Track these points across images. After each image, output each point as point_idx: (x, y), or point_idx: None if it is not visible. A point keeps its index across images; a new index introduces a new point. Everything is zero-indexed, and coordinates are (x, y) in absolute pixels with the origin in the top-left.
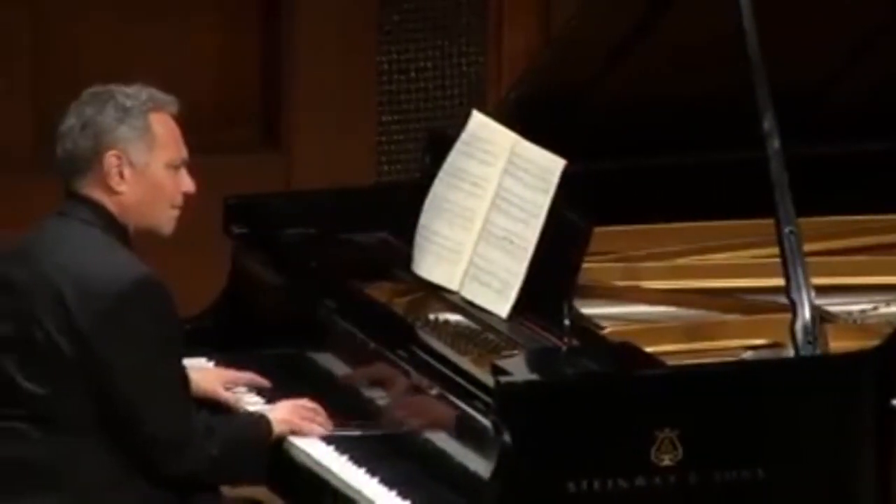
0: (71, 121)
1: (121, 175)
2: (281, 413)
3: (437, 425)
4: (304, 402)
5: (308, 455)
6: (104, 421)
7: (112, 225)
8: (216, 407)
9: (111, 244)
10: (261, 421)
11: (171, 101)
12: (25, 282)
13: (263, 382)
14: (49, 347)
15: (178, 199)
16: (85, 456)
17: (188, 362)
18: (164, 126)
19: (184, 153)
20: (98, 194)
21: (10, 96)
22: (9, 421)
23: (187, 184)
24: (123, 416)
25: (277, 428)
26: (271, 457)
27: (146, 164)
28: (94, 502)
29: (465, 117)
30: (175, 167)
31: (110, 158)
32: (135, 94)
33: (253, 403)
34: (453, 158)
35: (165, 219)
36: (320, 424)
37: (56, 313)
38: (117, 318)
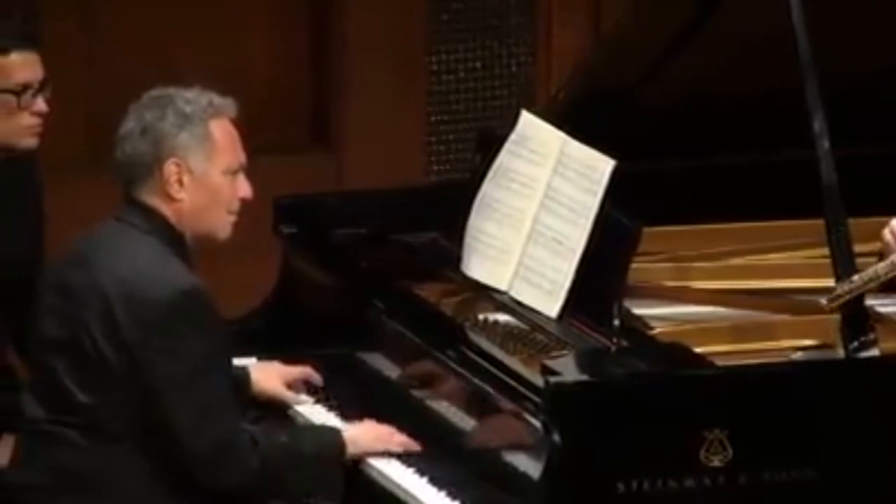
0: (130, 125)
1: (180, 183)
2: (362, 431)
3: (486, 425)
4: (395, 432)
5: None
6: (147, 432)
7: (168, 233)
8: (275, 405)
9: (164, 254)
10: (333, 439)
11: (229, 105)
12: (79, 287)
13: (317, 378)
14: (96, 355)
15: (235, 205)
16: (128, 466)
17: (241, 363)
18: (223, 132)
19: (242, 158)
20: (156, 201)
21: (62, 98)
22: (58, 426)
23: (244, 189)
24: (164, 428)
25: (353, 448)
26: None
27: (205, 172)
28: None
29: (515, 117)
30: (233, 173)
31: (170, 167)
32: (195, 99)
33: (303, 402)
34: (503, 158)
35: (222, 225)
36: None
37: (103, 321)
38: (161, 330)
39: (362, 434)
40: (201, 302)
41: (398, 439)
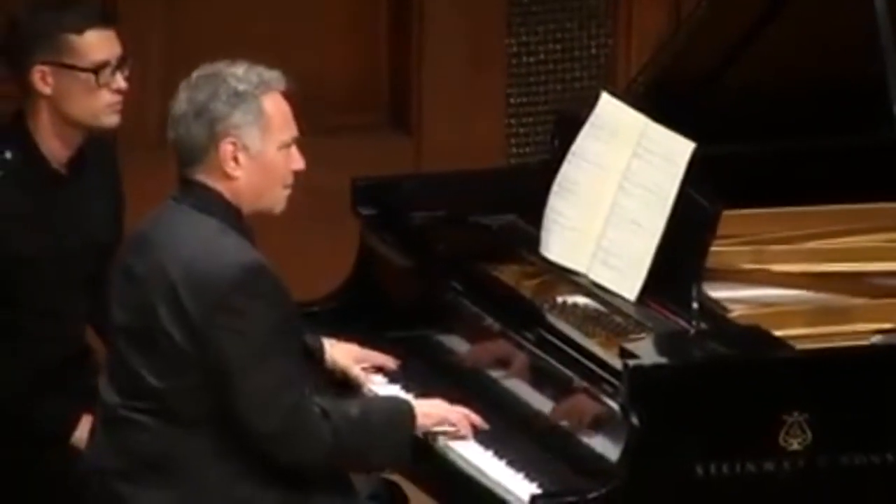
0: (183, 106)
1: (235, 161)
2: (433, 408)
3: (564, 408)
4: (464, 411)
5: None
6: (219, 415)
7: (226, 210)
8: (349, 383)
9: (223, 232)
10: (403, 409)
11: (278, 78)
12: (143, 272)
13: (391, 363)
14: (165, 339)
15: (290, 178)
16: (201, 450)
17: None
18: (275, 107)
19: (294, 131)
20: (212, 180)
21: (142, 81)
22: (133, 413)
23: (297, 161)
24: (235, 407)
25: (422, 420)
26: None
27: (260, 149)
28: (211, 493)
29: (595, 99)
30: (286, 146)
31: (226, 146)
32: (245, 76)
33: (378, 383)
34: (582, 140)
35: (278, 199)
36: (468, 431)
37: (169, 303)
38: (225, 305)
39: (434, 407)
40: (263, 277)
41: (467, 416)
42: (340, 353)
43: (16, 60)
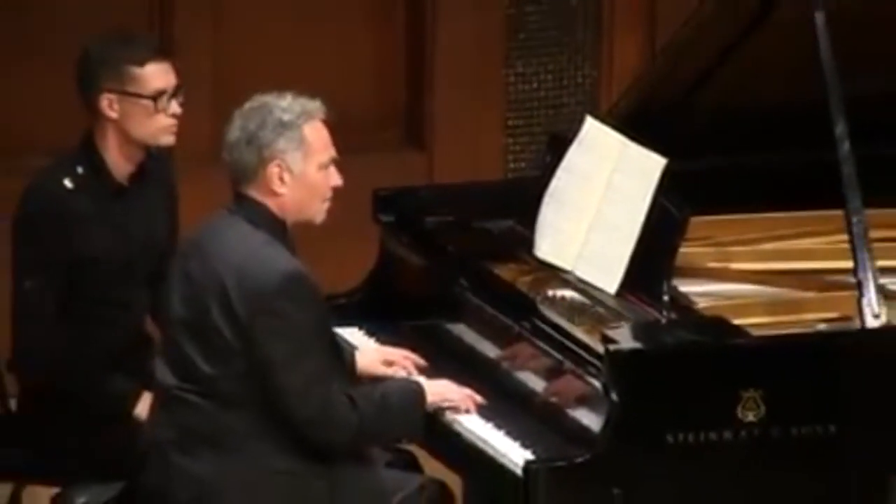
0: (236, 134)
1: (281, 180)
2: (441, 389)
3: (554, 386)
4: (468, 392)
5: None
6: (260, 399)
7: (272, 222)
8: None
9: (270, 241)
10: (414, 390)
11: (319, 108)
12: (199, 273)
13: (418, 360)
14: (215, 332)
15: (329, 194)
16: (245, 428)
17: (344, 332)
18: (315, 134)
19: (332, 153)
20: (261, 196)
21: (193, 97)
22: (184, 392)
23: (335, 179)
24: (277, 396)
25: (431, 398)
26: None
27: (302, 170)
28: (254, 466)
29: (581, 122)
30: (325, 167)
31: (272, 168)
32: (289, 107)
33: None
34: (570, 157)
35: (318, 211)
36: (471, 407)
37: (220, 301)
38: (270, 308)
39: (441, 387)
40: (304, 284)
41: (470, 395)
42: (365, 358)
43: (86, 88)
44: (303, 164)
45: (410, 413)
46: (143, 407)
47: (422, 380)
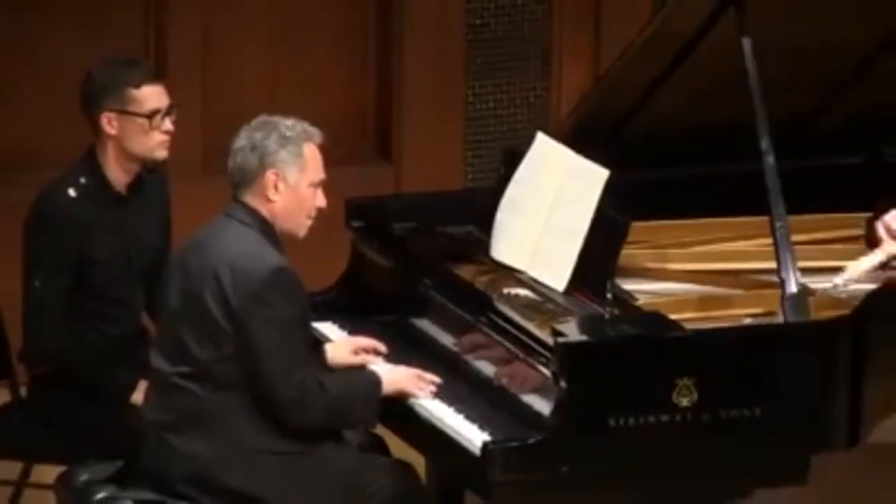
0: (243, 142)
1: (276, 188)
2: (395, 377)
3: (509, 374)
4: (420, 373)
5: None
6: (247, 382)
7: (264, 226)
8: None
9: (261, 242)
10: (371, 379)
11: (318, 134)
12: (196, 268)
13: (382, 347)
14: (209, 319)
15: (314, 212)
16: (235, 408)
17: (320, 326)
18: (312, 153)
19: (323, 176)
20: (256, 202)
21: (184, 116)
22: (181, 379)
23: (321, 200)
24: (260, 377)
25: (387, 388)
26: (385, 401)
27: (296, 182)
28: (241, 444)
29: (532, 137)
30: (315, 186)
31: (270, 175)
32: (293, 126)
33: (370, 363)
34: (523, 169)
35: (302, 225)
36: (425, 390)
37: (215, 292)
38: (259, 298)
39: (394, 373)
40: (290, 279)
41: (420, 377)
42: (335, 349)
43: (89, 108)
44: (297, 177)
45: (369, 401)
46: (139, 394)
47: (382, 369)
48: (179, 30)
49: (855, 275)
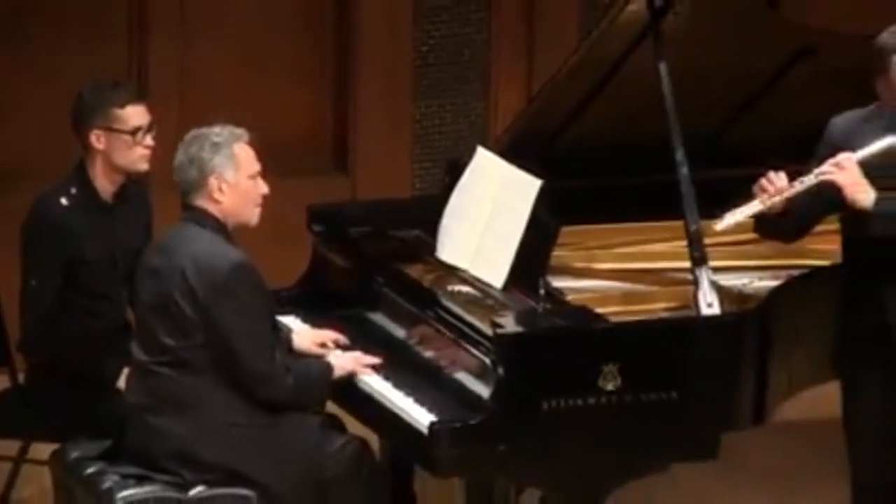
0: (181, 157)
1: (220, 190)
2: (342, 361)
3: (453, 362)
4: (360, 356)
5: (365, 382)
6: (218, 366)
7: (217, 225)
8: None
9: (218, 240)
10: (325, 366)
11: (244, 134)
12: (164, 268)
13: (343, 339)
14: (178, 313)
15: (259, 200)
16: (206, 389)
17: (285, 319)
18: (243, 151)
19: (258, 167)
20: (205, 204)
21: (164, 132)
22: (157, 366)
23: (263, 188)
24: (228, 360)
25: (338, 372)
26: (344, 385)
27: (236, 180)
28: (213, 421)
29: (473, 151)
30: (254, 177)
31: (212, 181)
32: (220, 132)
33: (329, 351)
34: (465, 179)
35: (252, 215)
36: (368, 371)
37: (182, 288)
38: (223, 290)
39: (341, 359)
40: (250, 270)
41: (366, 361)
42: (300, 337)
43: (79, 125)
44: (236, 176)
45: (323, 384)
46: (123, 380)
47: (331, 356)
48: (159, 55)
49: (732, 222)
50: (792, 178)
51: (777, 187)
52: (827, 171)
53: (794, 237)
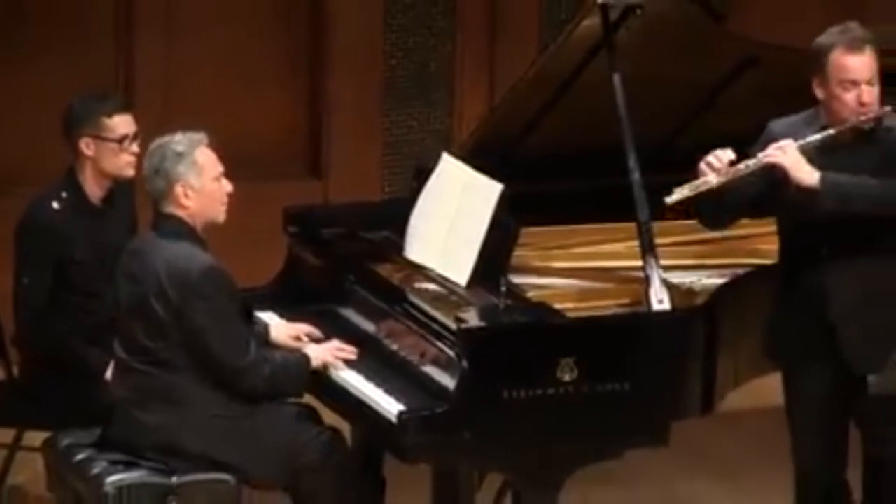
0: (148, 169)
1: (186, 195)
2: (317, 352)
3: (420, 355)
4: (336, 344)
5: (338, 375)
6: (194, 360)
7: (185, 228)
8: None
9: (188, 245)
10: (302, 357)
11: (204, 138)
12: (139, 273)
13: (317, 332)
14: (154, 315)
15: (225, 198)
16: (187, 385)
17: (262, 315)
18: (205, 156)
19: (221, 168)
20: (175, 210)
21: (148, 140)
22: (139, 364)
23: (227, 186)
24: (209, 357)
25: (314, 362)
26: (319, 377)
27: (201, 184)
28: (195, 415)
29: (439, 157)
30: (217, 179)
31: (178, 188)
32: (181, 140)
33: (304, 345)
34: (431, 183)
35: (219, 213)
36: (342, 356)
37: (157, 291)
38: (195, 293)
39: (317, 350)
40: (220, 273)
41: (339, 350)
42: (277, 331)
43: (69, 133)
44: (200, 180)
45: (300, 375)
46: (110, 371)
47: (308, 347)
48: (144, 66)
49: (682, 196)
50: (733, 163)
51: (724, 165)
52: (771, 154)
53: (726, 223)
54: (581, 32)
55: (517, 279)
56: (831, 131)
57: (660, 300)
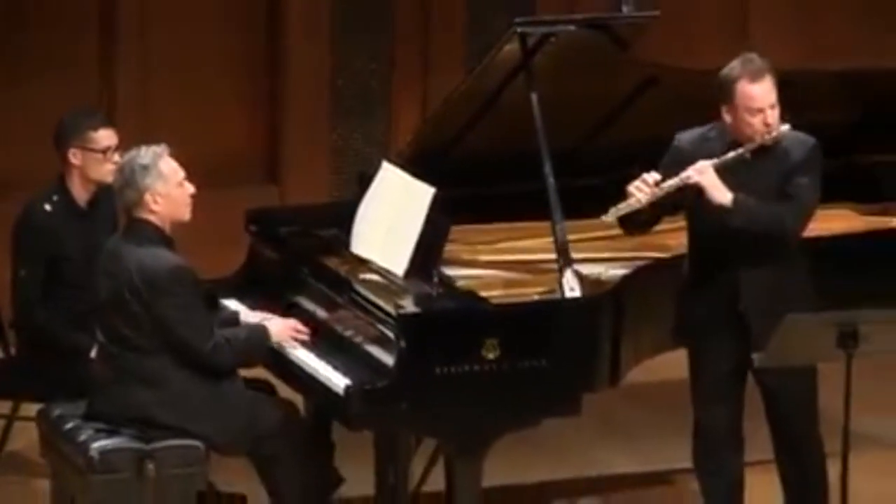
0: (119, 182)
1: (155, 202)
2: (277, 327)
3: (364, 336)
4: (293, 322)
5: (293, 353)
6: (166, 346)
7: (156, 232)
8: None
9: (158, 246)
10: (261, 328)
11: (164, 148)
12: (116, 270)
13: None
14: (129, 308)
15: (189, 200)
16: (161, 368)
17: (227, 302)
18: (168, 165)
19: (182, 173)
20: (145, 215)
21: (121, 146)
22: (119, 349)
23: (190, 189)
24: (174, 342)
25: (274, 337)
26: (272, 353)
27: (167, 191)
28: (169, 392)
29: (379, 164)
30: (181, 183)
31: (147, 197)
32: (144, 154)
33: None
34: (374, 188)
35: (185, 213)
36: (299, 336)
37: (130, 286)
38: (163, 289)
39: (275, 326)
40: (186, 271)
41: (294, 328)
42: (245, 317)
43: (59, 145)
44: (166, 188)
45: (259, 343)
46: (95, 351)
47: (272, 322)
48: (123, 89)
49: (618, 215)
50: (657, 183)
51: (650, 186)
52: (691, 175)
53: (646, 229)
54: (503, 56)
55: (448, 270)
56: (742, 151)
57: (572, 288)
